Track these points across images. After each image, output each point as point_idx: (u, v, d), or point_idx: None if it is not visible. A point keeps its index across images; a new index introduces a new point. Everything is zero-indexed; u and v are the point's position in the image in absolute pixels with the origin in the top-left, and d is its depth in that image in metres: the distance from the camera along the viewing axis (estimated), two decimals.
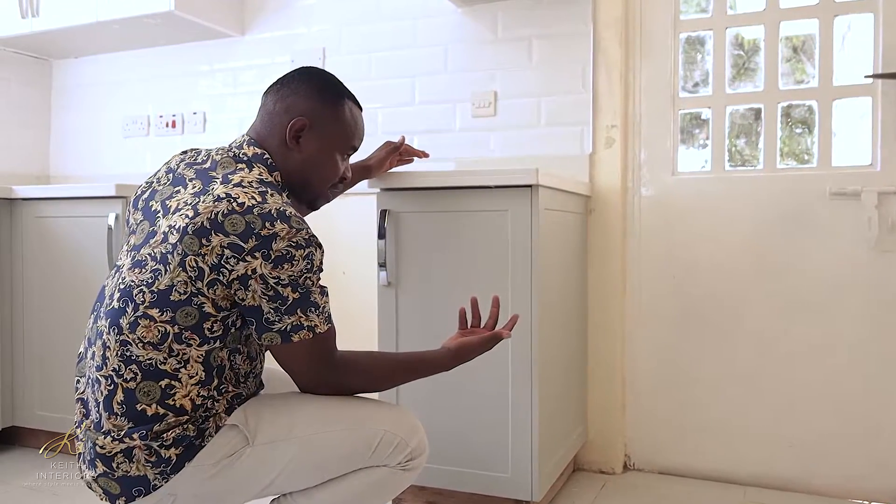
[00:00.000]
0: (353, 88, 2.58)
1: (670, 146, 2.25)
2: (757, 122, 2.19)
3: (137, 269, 1.16)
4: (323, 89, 1.34)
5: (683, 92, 2.26)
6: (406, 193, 1.84)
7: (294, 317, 1.14)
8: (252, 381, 1.27)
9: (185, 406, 1.14)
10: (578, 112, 2.27)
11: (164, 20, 2.56)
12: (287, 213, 1.14)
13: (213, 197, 1.14)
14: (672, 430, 2.26)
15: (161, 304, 1.13)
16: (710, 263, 2.20)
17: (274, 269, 1.11)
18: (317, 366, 1.20)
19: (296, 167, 1.31)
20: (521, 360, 1.75)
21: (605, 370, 2.27)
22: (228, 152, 1.27)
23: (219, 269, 1.11)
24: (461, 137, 2.44)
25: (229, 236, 1.10)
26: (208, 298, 1.13)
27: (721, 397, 2.19)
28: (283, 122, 1.30)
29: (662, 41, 2.25)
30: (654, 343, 2.27)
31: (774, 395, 2.13)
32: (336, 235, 2.58)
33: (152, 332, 1.13)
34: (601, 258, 2.26)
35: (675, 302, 2.24)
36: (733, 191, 2.17)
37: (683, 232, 2.23)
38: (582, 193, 2.16)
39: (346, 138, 1.35)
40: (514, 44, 2.36)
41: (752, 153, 2.21)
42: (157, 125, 2.92)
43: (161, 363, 1.13)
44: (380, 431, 1.23)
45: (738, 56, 2.23)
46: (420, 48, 2.49)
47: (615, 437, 2.27)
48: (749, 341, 2.16)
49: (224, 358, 1.18)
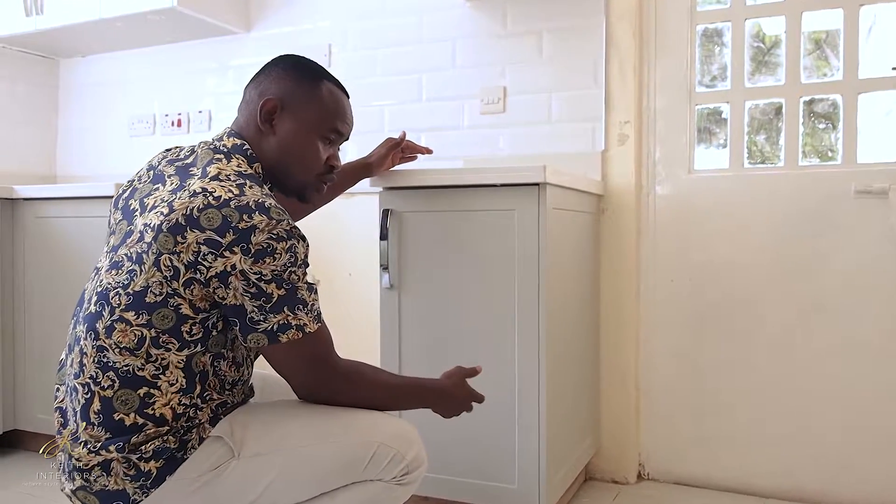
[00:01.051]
0: (359, 85, 2.59)
1: (686, 143, 2.16)
2: (778, 118, 2.10)
3: (114, 270, 1.11)
4: (297, 69, 1.26)
5: (700, 86, 2.17)
6: (409, 192, 1.78)
7: (280, 315, 1.08)
8: (239, 389, 1.21)
9: (166, 415, 1.08)
10: (590, 108, 2.20)
11: (167, 17, 2.52)
12: (266, 205, 1.08)
13: (189, 192, 1.08)
14: (688, 439, 2.17)
15: (137, 306, 1.07)
16: (728, 265, 2.11)
17: (255, 263, 1.05)
18: (311, 368, 1.13)
19: (272, 152, 1.23)
20: (527, 365, 1.67)
21: (619, 376, 2.19)
22: (210, 146, 1.22)
23: (195, 267, 1.05)
24: (469, 135, 2.37)
25: (205, 231, 1.04)
26: (185, 299, 1.07)
27: (740, 404, 2.10)
28: (256, 107, 1.24)
29: (678, 33, 2.16)
30: (669, 348, 2.18)
31: (795, 402, 2.04)
32: (343, 236, 2.52)
33: (128, 337, 1.07)
34: (614, 259, 2.18)
35: (691, 305, 2.15)
36: (753, 189, 2.08)
37: (700, 232, 2.14)
38: (594, 192, 2.08)
39: (324, 119, 1.26)
40: (524, 38, 2.29)
41: (773, 150, 2.12)
42: (163, 124, 2.88)
43: (139, 369, 1.07)
44: (374, 444, 1.16)
45: (758, 49, 2.14)
46: (427, 44, 2.42)
47: (629, 446, 2.19)
48: (769, 346, 2.07)
49: (206, 363, 1.12)
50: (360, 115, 2.51)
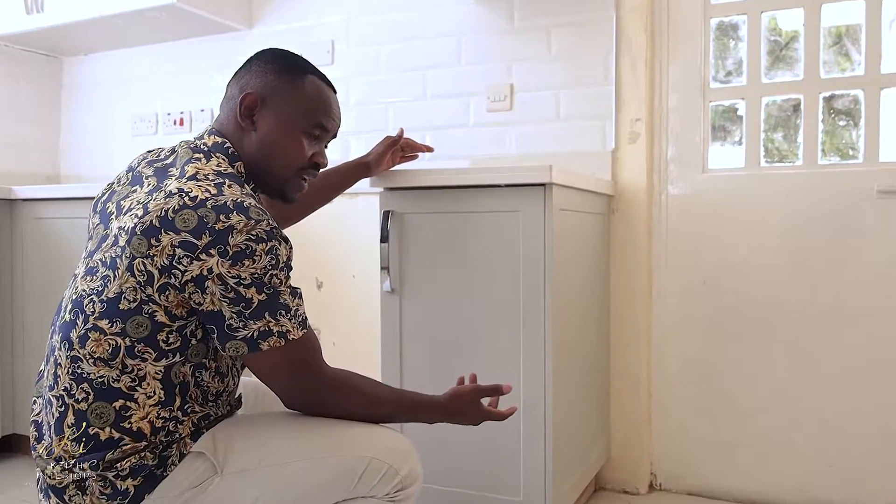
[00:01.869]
0: (362, 83, 2.53)
1: (700, 141, 2.08)
2: (796, 115, 2.01)
3: (89, 276, 1.06)
4: (278, 62, 1.20)
5: (714, 82, 2.09)
6: (410, 193, 1.71)
7: (261, 321, 1.01)
8: (224, 401, 1.15)
9: (143, 430, 1.02)
10: (601, 105, 2.12)
11: (167, 13, 2.48)
12: (245, 204, 1.02)
13: (165, 193, 1.02)
14: (702, 448, 2.09)
15: (110, 314, 1.02)
16: (744, 268, 2.03)
17: (232, 266, 0.99)
18: (296, 377, 1.07)
19: (253, 149, 1.17)
20: (532, 371, 1.61)
21: (630, 382, 2.12)
22: (190, 145, 1.16)
23: (170, 272, 0.99)
24: (475, 133, 2.30)
25: (180, 234, 0.98)
26: (160, 306, 1.01)
27: (756, 412, 2.02)
28: (236, 102, 1.17)
29: (691, 27, 2.08)
30: (682, 353, 2.10)
31: (814, 410, 1.96)
32: (346, 237, 2.47)
33: (102, 347, 1.02)
34: (625, 262, 2.11)
35: (705, 309, 2.07)
36: (769, 189, 2.00)
37: (715, 234, 2.06)
38: (603, 192, 2.00)
39: (307, 113, 1.19)
40: (532, 33, 2.21)
41: (791, 148, 2.04)
42: (165, 123, 2.84)
43: (114, 381, 1.02)
44: (365, 459, 1.10)
45: (775, 43, 2.05)
46: (432, 39, 2.35)
47: (640, 455, 2.12)
48: (787, 352, 1.98)
49: (187, 374, 1.06)
50: (363, 114, 2.48)
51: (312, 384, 1.09)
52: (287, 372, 1.06)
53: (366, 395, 1.16)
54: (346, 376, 1.13)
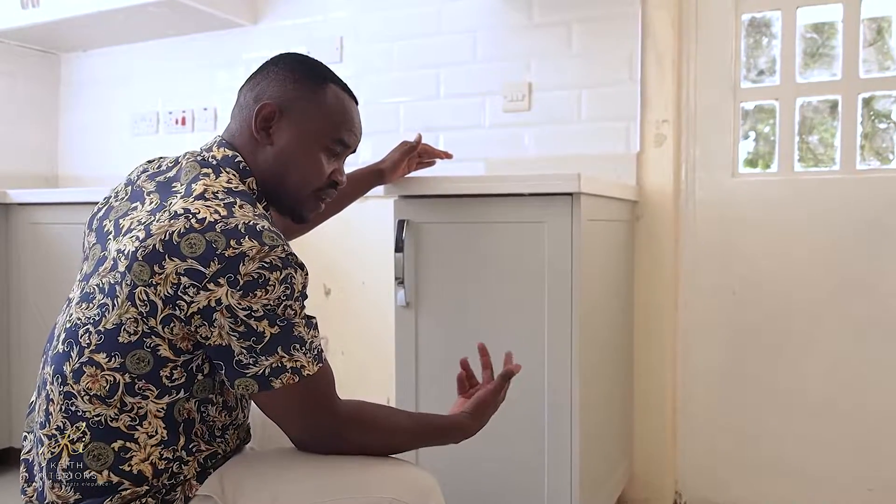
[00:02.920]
0: (373, 81, 2.41)
1: (730, 144, 1.98)
2: (832, 116, 1.91)
3: (85, 303, 0.96)
4: (298, 70, 1.10)
5: (746, 81, 1.98)
6: (427, 201, 1.61)
7: (274, 357, 0.92)
8: (232, 435, 1.05)
9: (145, 472, 0.93)
10: (624, 105, 2.01)
11: (168, 8, 2.37)
12: (258, 228, 0.92)
13: (170, 214, 0.92)
14: (730, 466, 1.99)
15: (108, 347, 0.92)
16: (776, 278, 1.92)
17: (244, 297, 0.89)
18: (310, 418, 0.97)
19: (268, 165, 1.07)
20: (558, 394, 1.51)
21: (654, 397, 2.02)
22: (197, 157, 1.06)
23: (174, 303, 0.89)
24: (491, 135, 2.19)
25: (186, 260, 0.88)
26: (164, 339, 0.92)
27: (788, 430, 1.92)
28: (252, 113, 1.07)
29: (722, 23, 1.97)
30: (710, 367, 2.00)
31: (851, 429, 1.86)
32: (356, 243, 2.37)
33: (99, 383, 0.92)
34: (650, 271, 2.00)
35: (735, 321, 1.97)
36: (804, 195, 1.90)
37: (745, 242, 1.95)
38: (628, 198, 1.90)
39: (328, 127, 1.10)
40: (552, 29, 2.10)
41: (827, 152, 1.93)
42: (167, 122, 2.74)
43: (112, 420, 0.92)
44: (385, 500, 1.00)
45: (811, 40, 1.94)
46: (446, 36, 2.25)
47: (664, 472, 2.02)
48: (822, 367, 1.88)
49: (192, 410, 0.97)
50: (373, 114, 2.37)
51: (326, 423, 0.99)
52: (299, 411, 0.96)
53: (383, 428, 1.05)
54: (359, 409, 1.03)
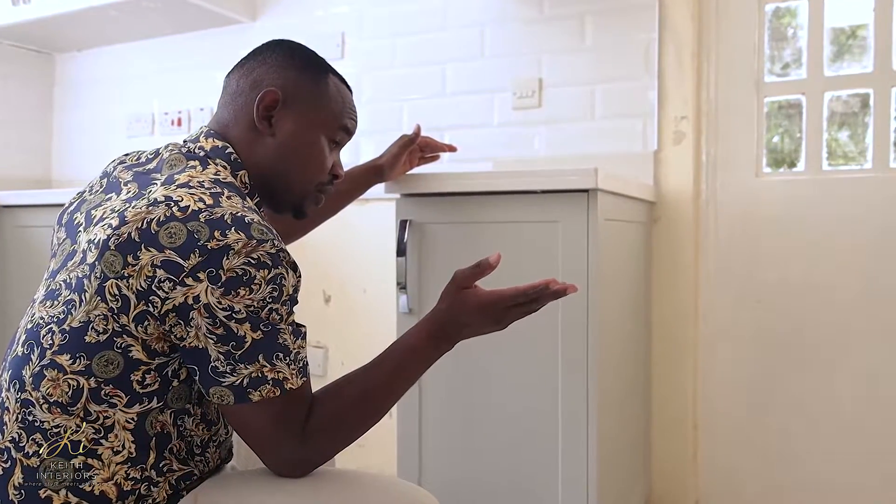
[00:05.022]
0: (375, 78, 2.30)
1: (754, 141, 1.86)
2: (864, 111, 1.79)
3: (49, 301, 0.87)
4: (299, 57, 1.03)
5: (770, 75, 1.87)
6: (431, 200, 1.50)
7: (254, 366, 0.82)
8: (212, 454, 0.94)
9: (108, 493, 0.83)
10: (641, 102, 1.90)
11: (163, 4, 2.29)
12: (246, 220, 0.82)
13: (148, 201, 0.83)
14: (755, 485, 1.87)
15: (73, 347, 0.82)
16: (804, 285, 1.80)
17: (225, 295, 0.79)
18: (283, 437, 0.85)
19: (269, 157, 0.99)
20: (573, 406, 1.39)
21: (674, 412, 1.90)
22: (181, 148, 0.96)
23: (148, 298, 0.80)
24: (500, 133, 2.09)
25: (164, 251, 0.79)
26: (137, 339, 0.82)
27: (818, 449, 1.80)
28: (251, 100, 0.98)
29: (744, 14, 1.86)
30: (734, 380, 1.88)
31: (884, 449, 1.73)
32: (357, 247, 2.27)
33: (61, 388, 0.82)
34: (669, 277, 1.89)
35: (760, 331, 1.85)
36: (833, 195, 1.78)
37: (771, 246, 1.84)
38: (646, 199, 1.79)
39: (332, 115, 1.03)
40: (564, 22, 2.00)
41: (858, 149, 1.81)
42: (162, 123, 2.64)
43: (74, 432, 0.82)
44: None
45: (840, 31, 1.83)
46: (452, 30, 2.14)
47: (686, 491, 1.90)
48: (855, 381, 1.76)
49: (167, 423, 0.86)
50: (376, 112, 2.27)
51: (294, 445, 0.86)
52: (272, 429, 0.85)
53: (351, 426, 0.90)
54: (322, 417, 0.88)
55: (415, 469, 1.53)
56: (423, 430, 1.53)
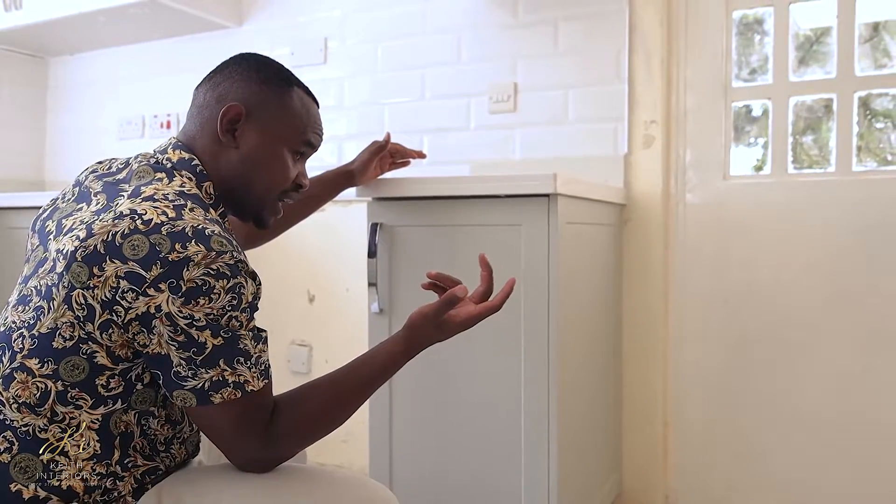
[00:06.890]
0: (357, 82, 2.35)
1: (721, 145, 1.90)
2: (827, 116, 1.83)
3: (21, 306, 0.91)
4: (264, 71, 1.05)
5: (737, 81, 1.91)
6: (401, 204, 1.55)
7: (215, 370, 0.86)
8: (177, 450, 0.99)
9: (75, 487, 0.87)
10: (612, 106, 1.95)
11: (150, 9, 2.34)
12: (207, 232, 0.87)
13: (115, 214, 0.87)
14: (725, 481, 1.91)
15: (41, 352, 0.87)
16: (772, 285, 1.85)
17: (185, 304, 0.84)
18: (246, 437, 0.91)
19: (233, 169, 1.02)
20: (535, 400, 1.44)
21: (644, 410, 1.94)
22: (150, 159, 1.01)
23: (112, 308, 0.84)
24: (477, 137, 2.13)
25: (127, 262, 0.83)
26: (102, 346, 0.86)
27: (786, 447, 1.84)
28: (216, 114, 1.02)
29: (712, 21, 1.91)
30: (703, 380, 1.92)
31: (854, 445, 1.77)
32: (339, 248, 2.31)
33: (29, 390, 0.87)
34: (639, 278, 1.93)
35: (729, 331, 1.89)
36: (799, 197, 1.82)
37: (738, 247, 1.88)
38: (615, 201, 1.83)
39: (295, 129, 1.06)
40: (538, 28, 2.04)
41: (822, 153, 1.85)
42: (152, 126, 2.70)
43: (41, 430, 0.87)
44: None
45: (805, 37, 1.87)
46: (431, 35, 2.19)
47: (655, 490, 1.94)
48: (822, 380, 1.80)
49: (130, 423, 0.91)
50: (358, 116, 2.32)
51: (259, 444, 0.92)
52: (236, 428, 0.90)
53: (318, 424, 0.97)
54: (288, 417, 0.94)
55: (385, 465, 1.58)
56: (393, 428, 1.58)
